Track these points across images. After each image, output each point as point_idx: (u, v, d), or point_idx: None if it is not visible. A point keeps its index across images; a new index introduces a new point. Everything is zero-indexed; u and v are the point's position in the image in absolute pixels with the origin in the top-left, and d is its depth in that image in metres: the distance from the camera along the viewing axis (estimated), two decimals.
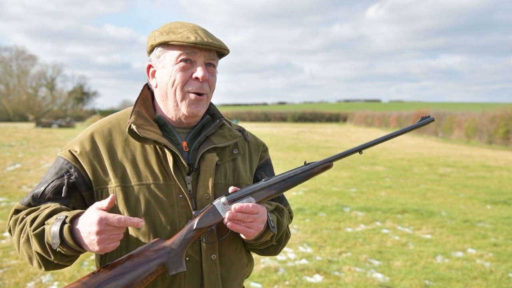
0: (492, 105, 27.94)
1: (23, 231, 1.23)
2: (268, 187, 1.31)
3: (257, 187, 1.29)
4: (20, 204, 1.31)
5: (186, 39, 1.28)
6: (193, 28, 1.32)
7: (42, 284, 3.82)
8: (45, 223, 1.19)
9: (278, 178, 1.32)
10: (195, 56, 1.31)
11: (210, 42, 1.29)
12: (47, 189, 1.28)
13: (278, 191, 1.32)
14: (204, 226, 1.24)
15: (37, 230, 1.19)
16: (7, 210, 6.33)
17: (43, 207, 1.25)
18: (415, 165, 12.92)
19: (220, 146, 1.39)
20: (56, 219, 1.17)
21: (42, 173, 9.93)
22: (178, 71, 1.31)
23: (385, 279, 4.08)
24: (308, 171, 1.35)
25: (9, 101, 55.46)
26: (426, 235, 5.55)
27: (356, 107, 74.74)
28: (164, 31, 1.33)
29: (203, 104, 1.35)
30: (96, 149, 1.32)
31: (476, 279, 4.13)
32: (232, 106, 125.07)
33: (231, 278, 1.36)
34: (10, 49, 58.79)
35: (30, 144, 17.66)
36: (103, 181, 1.29)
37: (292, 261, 4.49)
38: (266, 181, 1.32)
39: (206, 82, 1.33)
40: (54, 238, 1.15)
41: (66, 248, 1.16)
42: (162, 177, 1.30)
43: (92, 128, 1.38)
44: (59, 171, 1.30)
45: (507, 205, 7.47)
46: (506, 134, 20.50)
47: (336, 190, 8.54)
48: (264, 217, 1.28)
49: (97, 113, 54.22)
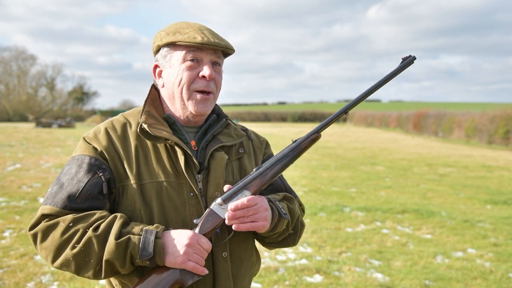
0: (492, 105, 27.93)
1: (76, 240, 1.18)
2: (260, 175, 1.31)
3: (249, 179, 1.30)
4: (51, 206, 1.23)
5: (192, 39, 1.29)
6: (199, 28, 1.34)
7: (42, 284, 3.82)
8: (130, 232, 1.19)
9: (268, 164, 1.32)
10: (201, 55, 1.32)
11: (216, 42, 1.30)
12: (86, 188, 1.23)
13: (271, 176, 1.32)
14: (207, 231, 1.25)
15: (120, 239, 1.17)
16: (7, 210, 6.33)
17: (100, 215, 1.22)
18: (415, 165, 12.92)
19: (228, 145, 1.40)
20: (142, 230, 1.19)
21: (42, 173, 9.93)
22: (185, 70, 1.32)
23: (385, 279, 4.08)
24: (297, 148, 1.35)
25: (9, 101, 55.45)
26: (426, 235, 5.55)
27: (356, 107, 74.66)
28: (170, 31, 1.35)
29: (210, 103, 1.36)
30: (114, 146, 1.32)
31: (476, 279, 4.13)
32: (232, 106, 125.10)
33: (241, 276, 1.37)
34: (10, 49, 58.89)
35: (30, 144, 17.66)
36: (124, 178, 1.29)
37: (292, 261, 4.49)
38: (257, 170, 1.31)
39: (212, 81, 1.34)
40: (145, 250, 1.16)
41: (150, 261, 1.18)
42: (174, 175, 1.31)
43: (105, 125, 1.37)
44: (91, 169, 1.26)
45: (507, 205, 7.47)
46: (506, 134, 20.50)
47: (336, 190, 8.54)
48: (265, 205, 1.28)
49: (97, 113, 54.15)
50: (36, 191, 7.78)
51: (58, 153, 14.36)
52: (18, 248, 4.71)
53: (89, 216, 1.21)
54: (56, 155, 13.56)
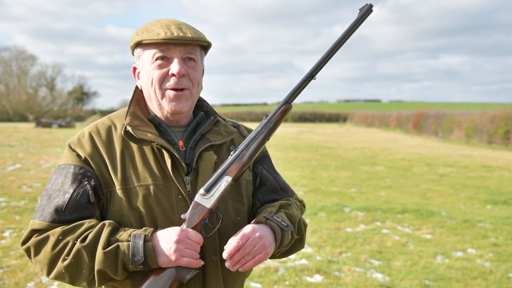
0: (492, 105, 27.92)
1: (66, 253, 1.19)
2: (238, 158, 1.28)
3: (227, 163, 1.27)
4: (40, 221, 1.23)
5: (156, 36, 1.26)
6: (167, 24, 1.30)
7: (42, 284, 3.82)
8: (119, 240, 1.18)
9: (243, 145, 1.29)
10: (170, 52, 1.29)
11: (181, 36, 1.26)
12: (72, 199, 1.23)
13: (249, 157, 1.28)
14: (195, 223, 1.23)
15: (108, 248, 1.16)
16: (7, 210, 6.33)
17: (88, 224, 1.21)
18: (415, 165, 12.91)
19: (217, 144, 1.37)
20: (131, 236, 1.18)
21: (42, 173, 9.93)
22: (154, 69, 1.29)
23: (385, 279, 4.08)
24: (269, 123, 1.31)
25: (9, 101, 55.43)
26: (426, 235, 5.55)
27: (356, 107, 74.72)
28: (139, 30, 1.33)
29: (185, 100, 1.31)
30: (98, 151, 1.29)
31: (476, 279, 4.13)
32: (232, 106, 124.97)
33: (232, 279, 1.35)
34: (10, 49, 58.90)
35: (30, 144, 17.66)
36: (110, 184, 1.27)
37: (292, 261, 4.49)
38: (233, 153, 1.29)
39: (185, 77, 1.30)
40: (135, 255, 1.16)
41: (143, 265, 1.18)
42: (161, 178, 1.28)
43: (89, 129, 1.35)
44: (76, 178, 1.25)
45: (507, 205, 7.47)
46: (506, 134, 20.50)
47: (336, 190, 8.54)
48: (258, 234, 1.24)
49: (97, 113, 54.16)
50: (36, 191, 7.78)
51: (58, 153, 14.36)
52: (18, 248, 4.71)
53: (78, 227, 1.21)
54: (56, 155, 13.56)
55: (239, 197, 1.38)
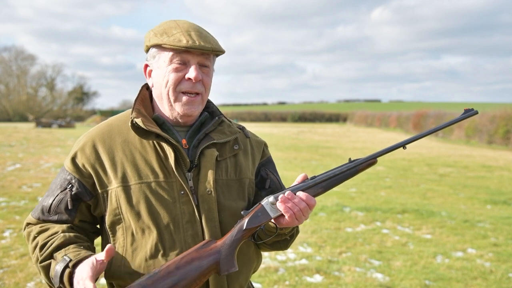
0: (493, 105, 27.90)
1: (35, 252, 1.30)
2: (315, 186, 1.32)
3: (304, 186, 1.31)
4: (31, 217, 1.37)
5: (177, 43, 1.28)
6: (187, 29, 1.32)
7: (42, 284, 3.82)
8: (53, 256, 1.25)
9: (325, 176, 1.33)
10: (188, 57, 1.32)
11: (202, 46, 1.29)
12: (54, 203, 1.33)
13: (324, 189, 1.33)
14: (254, 226, 1.27)
15: (44, 262, 1.26)
16: (7, 210, 6.33)
17: (52, 231, 1.30)
18: (415, 165, 12.92)
19: (220, 142, 1.40)
20: (62, 257, 1.22)
21: (42, 173, 9.93)
22: (171, 72, 1.32)
23: (385, 279, 4.08)
24: (354, 168, 1.36)
25: (9, 101, 55.41)
26: (426, 235, 5.55)
27: (356, 107, 74.69)
28: (158, 32, 1.34)
29: (198, 104, 1.36)
30: (97, 153, 1.33)
31: (476, 279, 4.13)
32: (232, 106, 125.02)
33: (236, 273, 1.36)
34: (9, 49, 58.79)
35: (30, 144, 17.65)
36: (106, 184, 1.31)
37: (292, 261, 4.49)
38: (312, 179, 1.33)
39: (199, 82, 1.34)
40: (55, 277, 1.21)
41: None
42: (162, 175, 1.31)
43: (92, 132, 1.39)
44: (63, 183, 1.34)
45: (507, 205, 7.47)
46: (506, 134, 20.50)
47: (336, 190, 8.53)
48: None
49: (97, 113, 54.11)
50: (36, 191, 7.78)
51: (58, 153, 14.36)
52: (18, 248, 4.71)
53: (49, 229, 1.31)
54: (56, 155, 13.56)
55: (242, 194, 1.41)
